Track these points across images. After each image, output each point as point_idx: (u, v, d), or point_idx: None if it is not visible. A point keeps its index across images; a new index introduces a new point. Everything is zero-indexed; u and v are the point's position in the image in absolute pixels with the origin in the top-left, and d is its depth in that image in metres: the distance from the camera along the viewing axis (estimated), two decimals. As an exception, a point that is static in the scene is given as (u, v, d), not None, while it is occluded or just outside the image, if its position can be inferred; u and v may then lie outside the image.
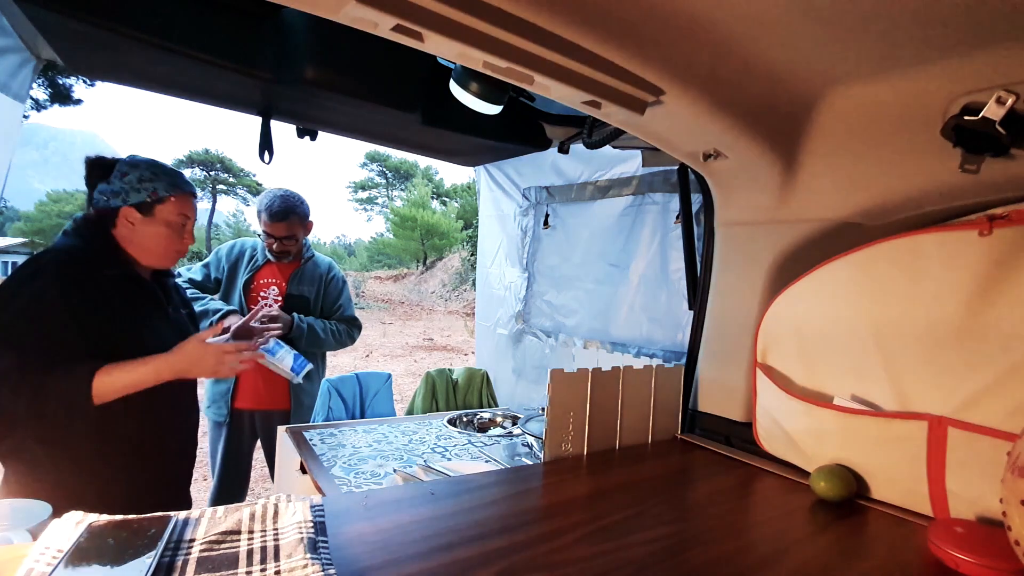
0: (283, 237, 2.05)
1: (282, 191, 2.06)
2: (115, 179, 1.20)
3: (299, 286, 2.13)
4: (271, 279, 2.13)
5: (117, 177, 1.20)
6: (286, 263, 2.14)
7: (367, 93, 1.38)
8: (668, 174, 2.07)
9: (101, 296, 1.15)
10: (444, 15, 0.69)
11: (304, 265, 2.17)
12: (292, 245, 2.09)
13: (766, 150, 1.10)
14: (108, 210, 1.20)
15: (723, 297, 1.38)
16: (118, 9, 1.07)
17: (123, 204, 1.20)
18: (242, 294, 2.07)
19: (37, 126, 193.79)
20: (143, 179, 1.21)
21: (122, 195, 1.20)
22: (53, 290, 1.09)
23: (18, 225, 30.87)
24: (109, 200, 1.19)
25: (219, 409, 2.10)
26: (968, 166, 0.86)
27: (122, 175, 1.20)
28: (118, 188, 1.20)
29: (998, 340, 0.86)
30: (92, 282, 1.15)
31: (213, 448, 2.18)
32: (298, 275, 2.14)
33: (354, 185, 36.82)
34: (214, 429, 2.16)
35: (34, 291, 1.08)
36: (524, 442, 1.63)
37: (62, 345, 1.09)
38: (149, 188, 1.21)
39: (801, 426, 1.12)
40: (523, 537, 0.79)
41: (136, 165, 1.22)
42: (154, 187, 1.21)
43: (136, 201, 1.20)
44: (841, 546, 0.84)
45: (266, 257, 2.13)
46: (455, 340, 11.37)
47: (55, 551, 0.57)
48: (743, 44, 0.82)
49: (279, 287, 2.12)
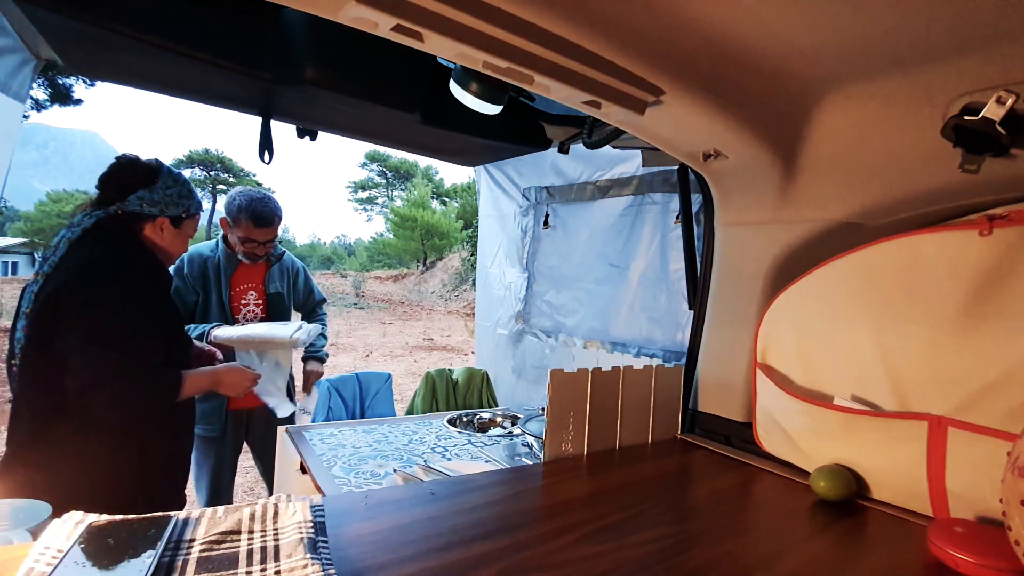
0: (266, 241, 2.01)
1: (254, 192, 1.99)
2: (159, 189, 1.28)
3: (274, 284, 2.12)
4: (247, 284, 2.07)
5: (161, 188, 1.29)
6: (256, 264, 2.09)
7: (367, 93, 1.38)
8: (668, 174, 2.08)
9: (159, 294, 1.30)
10: (444, 15, 0.69)
11: (275, 264, 2.14)
12: (271, 247, 2.06)
13: (766, 150, 1.10)
14: (142, 215, 1.27)
15: (723, 297, 1.38)
16: (118, 9, 1.06)
17: (161, 214, 1.29)
18: (228, 306, 2.02)
19: (37, 126, 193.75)
20: (182, 195, 1.33)
21: (161, 205, 1.29)
22: (135, 292, 1.20)
23: (18, 225, 30.89)
24: (146, 207, 1.27)
25: (210, 424, 2.01)
26: (968, 166, 0.86)
27: (166, 187, 1.30)
28: (160, 198, 1.28)
29: (998, 340, 0.86)
30: (152, 282, 1.28)
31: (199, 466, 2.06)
32: (271, 274, 2.12)
33: (354, 185, 36.85)
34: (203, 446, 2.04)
35: (118, 295, 1.17)
36: (524, 442, 1.63)
37: (152, 342, 1.22)
38: (185, 204, 1.33)
39: (801, 426, 1.12)
40: (523, 537, 0.79)
41: (178, 180, 1.33)
42: (189, 204, 1.34)
43: (173, 214, 1.31)
44: (841, 546, 0.85)
45: (232, 261, 2.04)
46: (455, 340, 11.37)
47: (55, 551, 0.57)
48: (743, 44, 0.82)
49: (256, 290, 2.08)
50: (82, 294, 1.13)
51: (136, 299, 1.20)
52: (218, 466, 2.08)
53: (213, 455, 2.06)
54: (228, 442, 2.09)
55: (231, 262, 2.03)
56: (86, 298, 1.13)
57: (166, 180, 1.30)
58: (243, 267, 2.08)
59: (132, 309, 1.18)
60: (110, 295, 1.15)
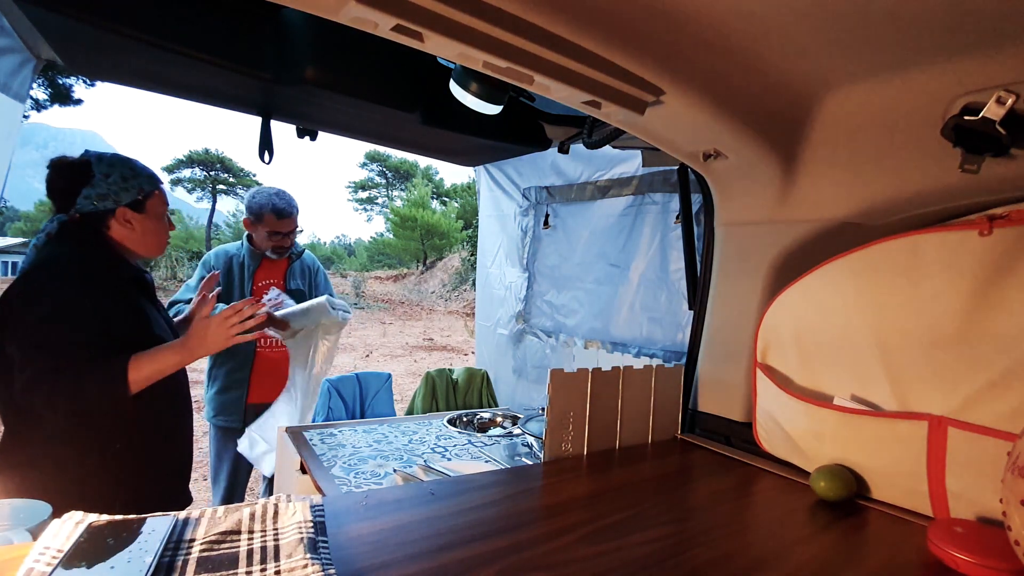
0: (289, 232, 2.14)
1: (271, 189, 2.14)
2: (99, 181, 1.19)
3: (295, 280, 2.22)
4: (269, 279, 2.18)
5: (100, 179, 1.19)
6: (276, 261, 2.21)
7: (367, 93, 1.39)
8: (668, 174, 2.07)
9: (116, 293, 1.20)
10: (444, 15, 0.69)
11: (295, 261, 2.25)
12: (293, 238, 2.20)
13: (766, 150, 1.10)
14: (98, 212, 1.20)
15: (723, 297, 1.38)
16: (118, 9, 1.06)
17: (116, 205, 1.21)
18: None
19: (37, 126, 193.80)
20: (126, 177, 1.22)
21: (112, 196, 1.20)
22: (73, 292, 1.12)
23: (18, 225, 30.89)
24: (97, 203, 1.19)
25: (230, 416, 2.10)
26: (968, 166, 0.86)
27: (105, 176, 1.20)
28: (105, 190, 1.19)
29: (998, 340, 0.86)
30: (104, 281, 1.19)
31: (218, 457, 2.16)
32: (292, 271, 2.23)
33: (354, 185, 36.81)
34: (222, 437, 2.14)
35: (55, 295, 1.11)
36: (524, 442, 1.63)
37: (92, 343, 1.13)
38: (135, 186, 1.23)
39: (801, 426, 1.12)
40: (523, 537, 0.79)
41: (113, 164, 1.22)
42: (139, 184, 1.23)
43: (129, 200, 1.22)
44: (841, 546, 0.84)
45: (257, 259, 2.18)
46: (455, 340, 11.37)
47: (55, 551, 0.57)
48: (743, 44, 0.82)
49: (278, 286, 2.17)
50: (22, 296, 1.11)
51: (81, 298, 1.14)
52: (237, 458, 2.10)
53: (233, 447, 2.09)
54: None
55: (254, 259, 2.16)
56: (25, 300, 1.10)
57: (102, 168, 1.20)
58: (265, 264, 2.18)
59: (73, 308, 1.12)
60: (48, 295, 1.11)
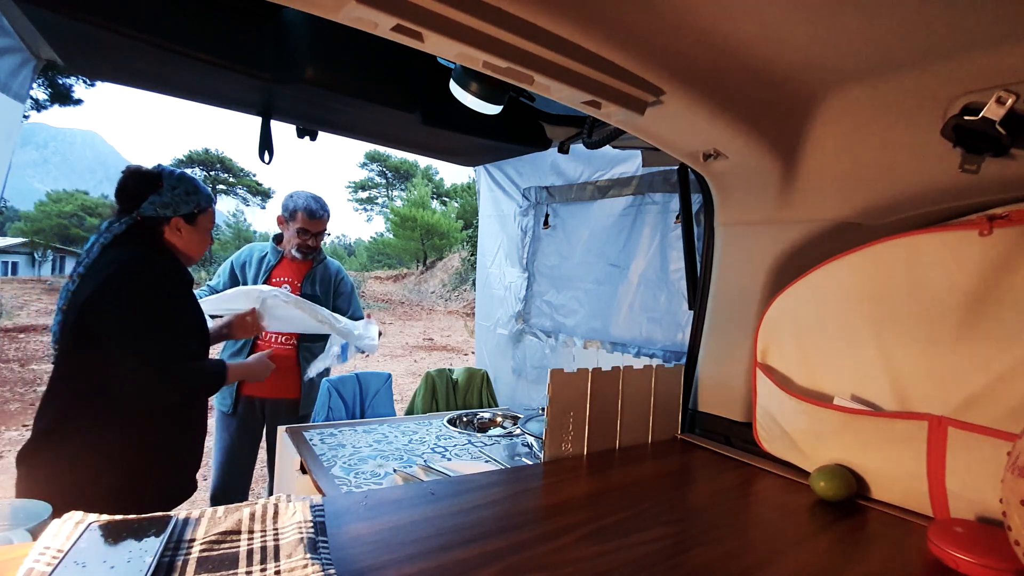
0: (318, 232, 2.21)
1: (309, 193, 2.22)
2: (166, 192, 1.36)
3: (312, 286, 2.23)
4: (285, 277, 2.20)
5: (168, 190, 1.37)
6: (299, 263, 2.23)
7: (367, 93, 1.39)
8: (668, 174, 2.07)
9: (186, 292, 1.40)
10: (444, 15, 0.69)
11: (317, 266, 2.27)
12: (321, 240, 2.25)
13: (766, 150, 1.10)
14: (158, 219, 1.37)
15: (723, 297, 1.38)
16: (118, 9, 1.06)
17: (174, 215, 1.38)
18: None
19: (37, 126, 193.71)
20: (189, 192, 1.40)
21: (173, 206, 1.37)
22: (164, 289, 1.31)
23: (18, 225, 30.87)
24: (159, 210, 1.36)
25: (224, 399, 2.16)
26: (968, 166, 0.86)
27: (172, 188, 1.37)
28: (169, 200, 1.37)
29: (998, 340, 0.86)
30: (179, 281, 1.38)
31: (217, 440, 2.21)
32: (312, 275, 2.24)
33: (354, 185, 36.79)
34: (220, 420, 2.20)
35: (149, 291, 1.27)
36: (524, 442, 1.63)
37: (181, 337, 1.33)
38: (194, 201, 1.41)
39: (801, 426, 1.12)
40: (523, 537, 0.79)
41: (181, 180, 1.40)
42: (198, 200, 1.42)
43: (185, 212, 1.39)
44: (841, 546, 0.84)
45: (278, 257, 2.22)
46: (455, 340, 11.36)
47: (55, 551, 0.57)
48: (743, 44, 0.82)
49: (292, 286, 2.18)
50: (120, 292, 1.23)
51: (163, 297, 1.30)
52: (231, 443, 2.16)
53: (225, 430, 2.18)
54: (242, 420, 2.17)
55: (276, 257, 2.23)
56: (125, 297, 1.23)
57: (170, 182, 1.38)
58: (286, 263, 2.23)
59: (162, 305, 1.29)
60: (143, 292, 1.26)
